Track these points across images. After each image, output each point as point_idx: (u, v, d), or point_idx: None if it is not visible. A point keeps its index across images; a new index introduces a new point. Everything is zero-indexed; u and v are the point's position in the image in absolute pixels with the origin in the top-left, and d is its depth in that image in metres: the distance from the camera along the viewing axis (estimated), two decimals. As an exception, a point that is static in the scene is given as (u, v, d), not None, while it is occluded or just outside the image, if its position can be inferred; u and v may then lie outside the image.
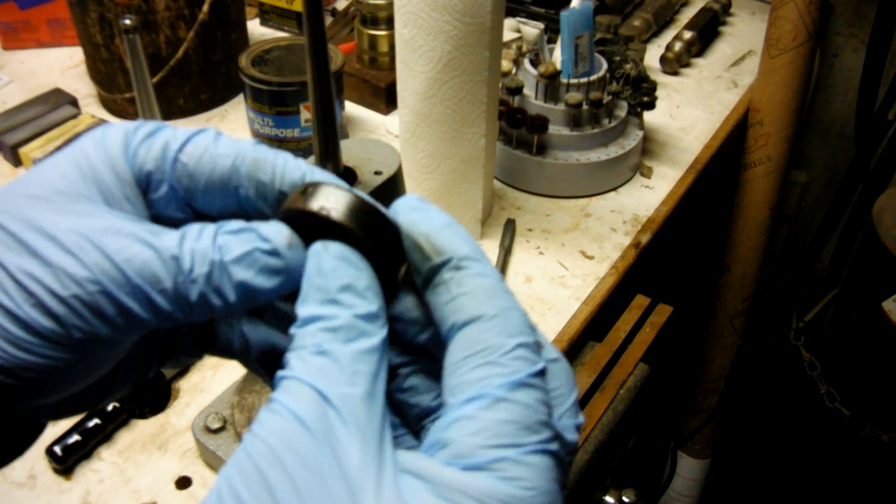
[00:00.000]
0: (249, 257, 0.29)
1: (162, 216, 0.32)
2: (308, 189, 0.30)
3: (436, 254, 0.29)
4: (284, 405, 0.25)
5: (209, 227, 0.29)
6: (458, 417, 0.25)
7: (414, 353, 0.32)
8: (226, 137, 0.32)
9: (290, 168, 0.31)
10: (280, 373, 0.26)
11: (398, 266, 0.30)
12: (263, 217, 0.31)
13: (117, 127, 0.32)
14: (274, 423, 0.25)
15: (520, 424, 0.25)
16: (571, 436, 0.28)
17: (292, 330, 0.27)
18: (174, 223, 0.31)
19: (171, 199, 0.32)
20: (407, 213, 0.30)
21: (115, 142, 0.31)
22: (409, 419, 0.32)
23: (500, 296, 0.27)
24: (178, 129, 0.32)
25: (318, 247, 0.29)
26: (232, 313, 0.30)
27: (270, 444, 0.24)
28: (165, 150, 0.31)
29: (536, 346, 0.27)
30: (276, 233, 0.29)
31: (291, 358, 0.27)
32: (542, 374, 0.26)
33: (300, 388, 0.25)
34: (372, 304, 0.28)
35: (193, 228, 0.29)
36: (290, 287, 0.29)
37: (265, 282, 0.29)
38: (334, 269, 0.28)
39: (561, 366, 0.29)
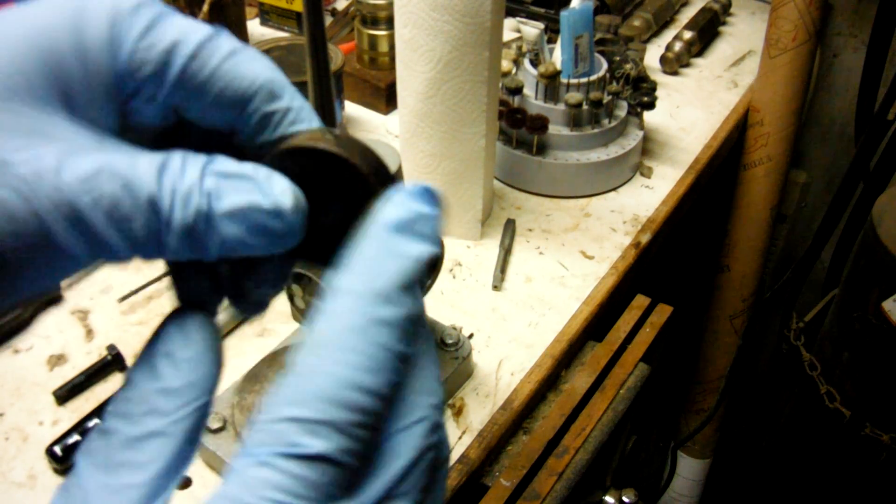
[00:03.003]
0: (243, 213, 0.24)
1: (135, 120, 0.27)
2: (325, 134, 0.27)
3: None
4: None
5: (195, 162, 0.24)
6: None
7: None
8: (243, 51, 0.27)
9: (300, 118, 0.28)
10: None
11: None
12: (252, 146, 0.27)
13: (103, 2, 0.25)
14: None
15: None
16: None
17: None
18: (147, 130, 0.27)
19: (157, 107, 0.27)
20: (395, 194, 0.26)
21: (98, 29, 0.25)
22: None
23: (323, 351, 0.23)
24: (185, 23, 0.26)
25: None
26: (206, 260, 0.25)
27: None
28: (172, 55, 0.25)
29: (316, 424, 0.22)
30: (283, 191, 0.25)
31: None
32: (302, 458, 0.22)
33: None
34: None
35: (176, 160, 0.24)
36: (283, 249, 0.26)
37: (255, 242, 0.25)
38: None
39: None
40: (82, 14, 0.25)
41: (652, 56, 1.27)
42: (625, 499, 0.81)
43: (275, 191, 0.25)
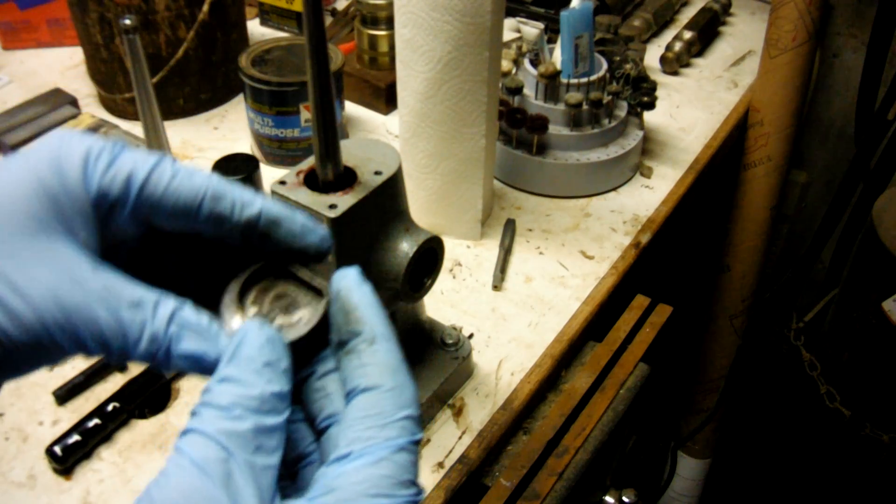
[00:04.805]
0: (194, 358, 0.33)
1: (119, 231, 0.35)
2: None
3: (357, 324, 0.34)
4: (192, 459, 0.28)
5: (166, 307, 0.32)
6: (347, 469, 0.30)
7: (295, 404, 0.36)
8: (184, 170, 0.35)
9: (248, 202, 0.35)
10: (190, 423, 0.30)
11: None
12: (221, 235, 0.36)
13: (74, 150, 0.34)
14: (180, 477, 0.28)
15: (394, 480, 0.30)
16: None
17: (208, 384, 0.31)
18: (131, 238, 0.36)
19: (129, 221, 0.35)
20: (346, 284, 0.35)
21: (74, 170, 0.33)
22: (285, 462, 0.35)
23: (400, 373, 0.33)
24: (137, 154, 0.34)
25: (254, 326, 0.33)
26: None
27: (176, 501, 0.27)
28: (129, 181, 0.34)
29: (419, 419, 0.32)
30: (224, 346, 0.33)
31: (203, 411, 0.30)
32: (418, 442, 0.32)
33: (208, 445, 0.29)
34: (285, 385, 0.32)
35: (149, 302, 0.32)
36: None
37: (198, 373, 0.33)
38: (262, 347, 0.32)
39: None
40: (62, 160, 0.33)
41: (652, 56, 1.27)
42: (625, 499, 0.81)
43: (220, 344, 0.33)
